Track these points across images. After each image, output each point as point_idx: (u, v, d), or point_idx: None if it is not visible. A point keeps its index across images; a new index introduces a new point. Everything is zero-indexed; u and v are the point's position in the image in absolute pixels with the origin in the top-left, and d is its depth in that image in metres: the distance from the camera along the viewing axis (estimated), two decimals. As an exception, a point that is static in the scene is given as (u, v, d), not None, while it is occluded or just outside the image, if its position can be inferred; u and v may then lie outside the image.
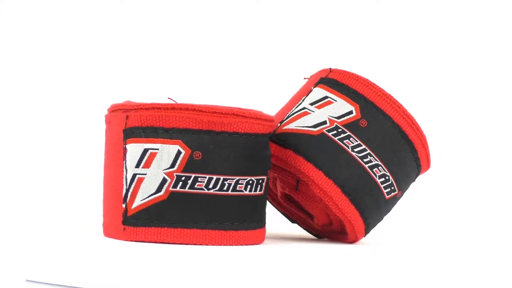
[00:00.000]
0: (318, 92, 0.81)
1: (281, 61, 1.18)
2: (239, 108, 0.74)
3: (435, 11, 1.14)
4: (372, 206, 0.78)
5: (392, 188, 0.79)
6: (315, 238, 0.85)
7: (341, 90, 0.81)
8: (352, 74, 0.82)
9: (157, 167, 0.72)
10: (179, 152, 0.72)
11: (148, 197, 0.72)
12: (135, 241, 0.72)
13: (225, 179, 0.73)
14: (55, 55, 1.20)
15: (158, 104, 0.73)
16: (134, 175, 0.73)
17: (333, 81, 0.82)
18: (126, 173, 0.73)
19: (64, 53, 1.20)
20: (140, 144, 0.73)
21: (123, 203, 0.73)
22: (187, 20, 1.20)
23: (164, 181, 0.72)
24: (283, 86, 1.14)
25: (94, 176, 1.16)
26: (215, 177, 0.73)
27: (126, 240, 0.72)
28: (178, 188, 0.72)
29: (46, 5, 1.20)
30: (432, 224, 1.08)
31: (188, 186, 0.72)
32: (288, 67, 1.17)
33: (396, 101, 0.82)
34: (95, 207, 1.13)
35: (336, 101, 0.80)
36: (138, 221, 0.73)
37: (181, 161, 0.72)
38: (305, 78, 0.83)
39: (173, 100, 0.76)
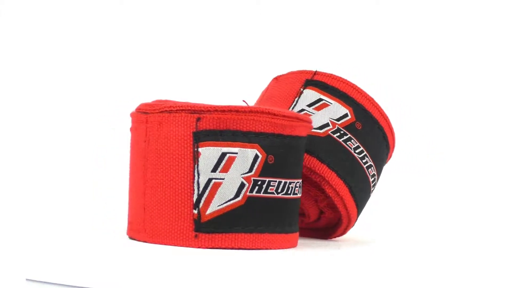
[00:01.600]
0: (311, 94, 0.82)
1: (277, 61, 1.18)
2: (298, 113, 0.74)
3: (433, 11, 1.14)
4: (364, 203, 0.81)
5: (375, 185, 0.82)
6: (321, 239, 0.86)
7: (333, 93, 0.82)
8: (339, 77, 0.83)
9: (236, 171, 0.71)
10: (256, 156, 0.72)
11: (226, 202, 0.71)
12: (208, 248, 0.70)
13: (290, 183, 0.73)
14: (55, 55, 1.20)
15: (235, 106, 0.71)
16: (210, 180, 0.70)
17: (321, 84, 0.82)
18: (199, 177, 0.71)
19: (64, 53, 1.20)
20: (218, 148, 0.71)
21: (194, 209, 0.71)
22: (186, 20, 1.20)
23: (242, 185, 0.71)
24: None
25: (94, 176, 1.16)
26: (283, 181, 0.73)
27: (198, 247, 0.70)
28: (254, 193, 0.71)
29: (46, 5, 1.20)
30: (433, 224, 1.08)
31: (262, 190, 0.72)
32: (284, 67, 1.17)
33: (378, 104, 0.83)
34: (94, 207, 1.13)
35: (331, 103, 0.81)
36: (213, 227, 0.71)
37: (258, 165, 0.72)
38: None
39: (246, 103, 0.75)
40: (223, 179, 0.71)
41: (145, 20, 1.20)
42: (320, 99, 0.82)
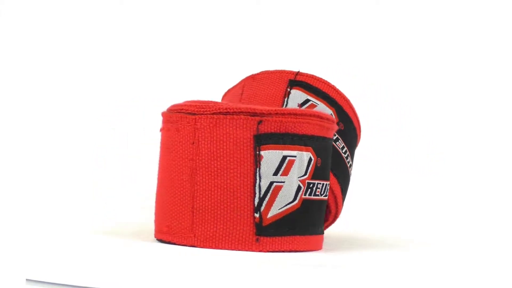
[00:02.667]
0: (299, 95, 0.82)
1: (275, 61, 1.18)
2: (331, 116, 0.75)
3: (433, 11, 1.14)
4: (345, 194, 0.83)
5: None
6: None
7: (317, 94, 0.82)
8: (320, 78, 0.84)
9: (294, 175, 0.71)
10: (310, 160, 0.72)
11: (286, 205, 0.71)
12: (269, 251, 0.70)
13: (327, 184, 0.74)
14: (54, 55, 1.20)
15: (293, 109, 0.72)
16: (271, 183, 0.70)
17: (305, 84, 0.83)
18: (260, 180, 0.70)
19: (63, 53, 1.20)
20: (279, 151, 0.70)
21: (256, 213, 0.70)
22: (185, 20, 1.20)
23: (299, 189, 0.71)
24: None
25: (94, 176, 1.16)
26: (325, 183, 0.74)
27: (259, 251, 0.70)
28: (307, 196, 0.72)
29: (46, 5, 1.20)
30: (432, 224, 1.08)
31: (313, 193, 0.72)
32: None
33: (352, 105, 0.84)
34: (94, 207, 1.13)
35: (318, 104, 0.81)
36: (274, 231, 0.70)
37: (311, 168, 0.72)
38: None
39: (299, 106, 0.75)
40: (284, 182, 0.70)
41: (145, 20, 1.20)
42: (308, 100, 0.82)
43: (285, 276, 0.61)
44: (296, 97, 0.82)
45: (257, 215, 0.70)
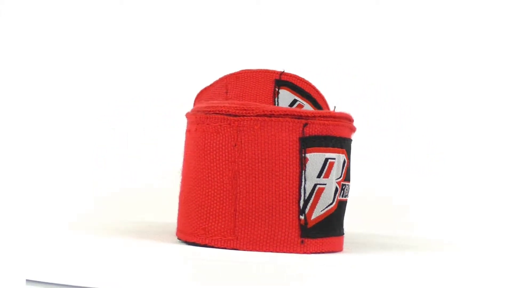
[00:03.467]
0: (287, 95, 0.83)
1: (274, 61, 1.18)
2: None
3: (433, 10, 1.14)
4: None
5: None
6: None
7: (302, 94, 0.82)
8: (302, 78, 0.84)
9: (333, 177, 0.71)
10: (344, 162, 0.73)
11: (326, 207, 0.71)
12: (312, 253, 0.70)
13: (349, 186, 0.75)
14: (54, 55, 1.20)
15: (333, 112, 0.72)
16: (315, 185, 0.70)
17: (291, 84, 0.83)
18: (305, 183, 0.70)
19: (63, 53, 1.20)
20: (322, 153, 0.71)
21: (301, 215, 0.70)
22: (184, 20, 1.20)
23: (336, 190, 0.72)
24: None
25: (94, 176, 1.16)
26: (349, 184, 0.75)
27: (303, 253, 0.70)
28: (341, 197, 0.73)
29: (46, 5, 1.20)
30: (432, 223, 1.08)
31: (344, 194, 0.73)
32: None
33: (329, 106, 0.85)
34: (94, 206, 1.13)
35: (304, 104, 0.82)
36: (317, 232, 0.71)
37: (344, 170, 0.73)
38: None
39: (334, 108, 0.76)
40: (325, 184, 0.71)
41: (144, 20, 1.20)
42: (296, 100, 0.82)
43: (363, 278, 0.62)
44: (285, 97, 0.83)
45: (302, 217, 0.70)
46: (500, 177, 1.11)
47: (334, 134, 0.71)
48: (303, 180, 0.70)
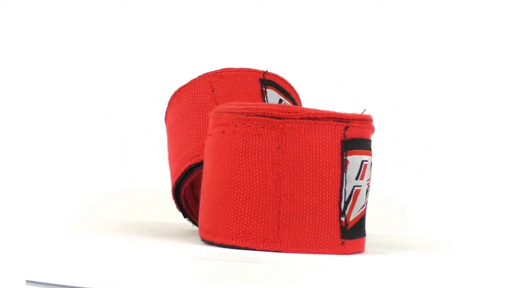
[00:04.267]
0: (274, 95, 0.83)
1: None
2: None
3: (433, 11, 1.14)
4: None
5: None
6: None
7: (284, 93, 0.84)
8: (282, 77, 0.85)
9: (366, 178, 0.73)
10: (371, 164, 0.74)
11: (361, 208, 0.72)
12: (350, 254, 0.71)
13: None
14: (55, 55, 1.20)
15: (367, 116, 0.73)
16: (353, 187, 0.71)
17: (275, 84, 0.84)
18: (346, 185, 0.71)
19: (64, 53, 1.20)
20: (359, 156, 0.72)
21: (342, 216, 0.71)
22: (185, 20, 1.20)
23: (366, 192, 0.73)
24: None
25: (94, 176, 1.16)
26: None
27: (343, 254, 0.71)
28: (367, 198, 0.74)
29: (46, 5, 1.20)
30: (432, 224, 1.08)
31: (368, 195, 0.74)
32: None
33: (302, 104, 0.86)
34: (95, 206, 1.13)
35: (288, 104, 0.83)
36: (354, 233, 0.72)
37: (371, 172, 0.74)
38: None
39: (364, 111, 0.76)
40: (361, 186, 0.72)
41: (145, 21, 1.20)
42: (281, 100, 0.83)
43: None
44: (272, 96, 0.84)
45: (343, 219, 0.71)
46: (500, 177, 1.11)
47: (367, 137, 0.73)
48: (344, 182, 0.71)
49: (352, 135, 0.71)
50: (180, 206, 0.86)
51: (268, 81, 0.84)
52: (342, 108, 0.83)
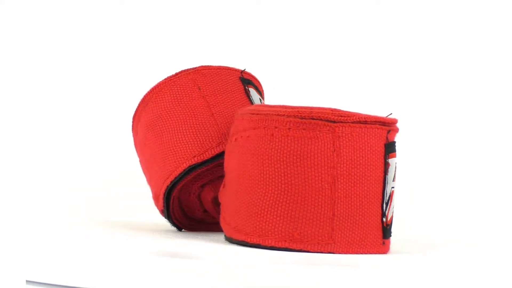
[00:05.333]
0: (254, 94, 0.85)
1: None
2: None
3: (433, 11, 1.14)
4: None
5: None
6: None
7: (259, 93, 0.86)
8: (255, 77, 0.87)
9: (396, 180, 0.75)
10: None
11: (393, 209, 0.75)
12: (386, 253, 0.74)
13: None
14: (54, 55, 1.20)
15: (396, 119, 0.75)
16: (391, 189, 0.74)
17: (252, 83, 0.86)
18: (386, 187, 0.73)
19: (63, 53, 1.20)
20: (395, 158, 0.74)
21: (383, 217, 0.73)
22: (184, 21, 1.20)
23: (393, 193, 0.75)
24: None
25: (94, 176, 1.16)
26: None
27: (383, 254, 0.73)
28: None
29: (46, 5, 1.20)
30: (434, 223, 1.08)
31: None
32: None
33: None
34: (95, 207, 1.13)
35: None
36: (390, 234, 0.75)
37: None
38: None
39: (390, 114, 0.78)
40: (394, 187, 0.74)
41: (145, 21, 1.20)
42: (260, 99, 0.85)
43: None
44: (254, 96, 0.85)
45: (384, 220, 0.73)
46: (500, 176, 1.11)
47: (395, 140, 0.75)
48: (386, 184, 0.73)
49: (391, 139, 0.74)
50: (167, 207, 0.83)
51: (247, 80, 0.85)
52: (341, 107, 0.83)
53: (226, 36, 1.19)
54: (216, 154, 0.81)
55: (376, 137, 0.72)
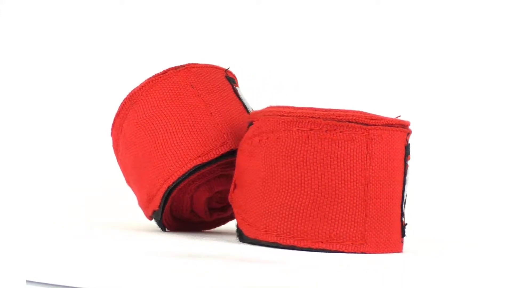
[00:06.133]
0: (243, 94, 0.87)
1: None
2: None
3: (433, 11, 1.14)
4: None
5: None
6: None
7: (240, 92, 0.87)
8: (235, 76, 0.89)
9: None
10: None
11: (404, 208, 0.77)
12: (402, 252, 0.76)
13: None
14: (55, 55, 1.20)
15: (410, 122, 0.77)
16: (406, 189, 0.76)
17: (235, 82, 0.87)
18: (405, 187, 0.75)
19: (63, 54, 1.20)
20: (410, 160, 0.76)
21: (402, 217, 0.76)
22: (184, 21, 1.20)
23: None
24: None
25: (94, 176, 1.16)
26: None
27: (400, 252, 0.75)
28: None
29: (46, 5, 1.20)
30: (433, 224, 1.08)
31: None
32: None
33: None
34: (96, 207, 1.13)
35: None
36: (405, 233, 0.77)
37: None
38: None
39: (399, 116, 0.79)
40: (405, 188, 0.76)
41: (144, 22, 1.20)
42: (244, 99, 0.86)
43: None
44: (242, 95, 0.87)
45: (403, 219, 0.76)
46: (500, 176, 1.11)
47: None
48: (405, 185, 0.75)
49: (408, 141, 0.76)
50: (163, 207, 0.82)
51: (231, 79, 0.85)
52: (342, 107, 0.83)
53: (220, 36, 1.19)
54: (221, 154, 0.80)
55: (399, 140, 0.74)
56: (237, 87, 0.86)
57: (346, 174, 0.72)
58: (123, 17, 1.20)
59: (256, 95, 1.15)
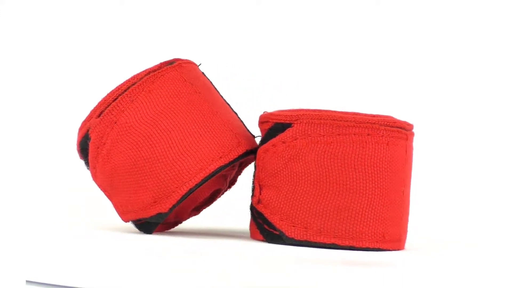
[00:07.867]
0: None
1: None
2: None
3: (433, 11, 1.14)
4: None
5: None
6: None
7: None
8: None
9: None
10: None
11: None
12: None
13: None
14: (55, 55, 1.20)
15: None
16: None
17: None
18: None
19: (63, 54, 1.20)
20: None
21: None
22: (184, 21, 1.20)
23: None
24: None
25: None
26: None
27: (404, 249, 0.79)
28: None
29: (45, 5, 1.20)
30: (433, 224, 1.08)
31: None
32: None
33: None
34: (96, 207, 1.12)
35: None
36: None
37: None
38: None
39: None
40: None
41: (144, 22, 1.20)
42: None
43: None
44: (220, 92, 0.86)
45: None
46: (500, 176, 1.10)
47: None
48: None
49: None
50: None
51: (204, 75, 0.85)
52: (341, 107, 0.83)
53: (220, 36, 1.19)
54: (239, 155, 0.80)
55: (412, 144, 0.79)
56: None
57: (396, 178, 0.76)
58: (123, 17, 1.20)
59: (256, 95, 1.15)
